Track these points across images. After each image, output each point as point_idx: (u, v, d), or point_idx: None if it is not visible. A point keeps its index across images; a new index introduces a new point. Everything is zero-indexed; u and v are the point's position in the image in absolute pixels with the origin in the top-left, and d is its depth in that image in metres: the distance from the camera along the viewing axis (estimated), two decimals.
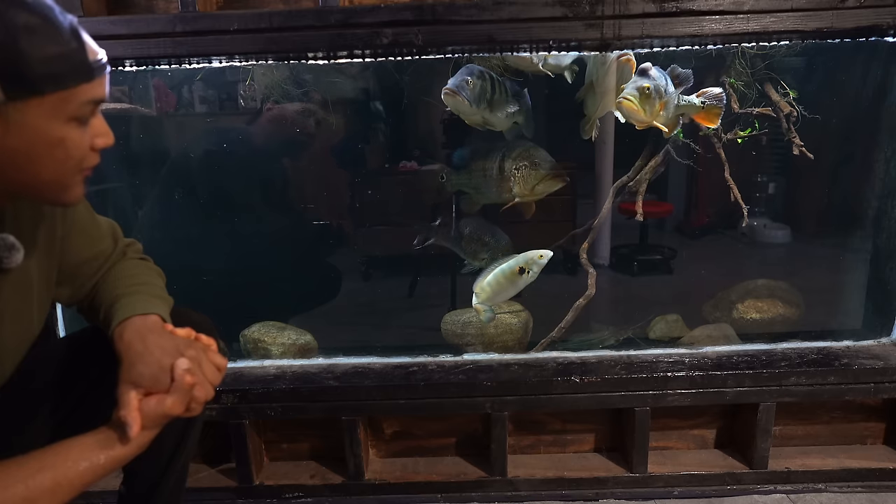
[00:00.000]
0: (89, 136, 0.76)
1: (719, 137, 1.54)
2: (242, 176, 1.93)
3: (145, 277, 0.98)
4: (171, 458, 1.04)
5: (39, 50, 0.66)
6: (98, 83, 0.74)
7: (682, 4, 1.26)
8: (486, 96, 1.45)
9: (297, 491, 1.55)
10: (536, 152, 1.57)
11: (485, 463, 1.58)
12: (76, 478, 0.74)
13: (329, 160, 2.06)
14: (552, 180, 1.54)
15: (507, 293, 1.58)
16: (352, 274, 2.21)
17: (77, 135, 0.74)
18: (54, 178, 0.75)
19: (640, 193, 1.62)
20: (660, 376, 1.47)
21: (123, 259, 1.01)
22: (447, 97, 1.43)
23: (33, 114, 0.68)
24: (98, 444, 0.78)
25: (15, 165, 0.71)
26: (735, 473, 1.53)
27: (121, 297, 0.91)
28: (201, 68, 1.38)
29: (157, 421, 0.81)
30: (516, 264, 1.53)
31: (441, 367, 1.55)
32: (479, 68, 1.46)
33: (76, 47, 0.70)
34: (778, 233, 2.35)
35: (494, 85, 1.46)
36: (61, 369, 0.98)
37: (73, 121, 0.72)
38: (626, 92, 1.28)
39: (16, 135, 0.68)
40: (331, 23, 1.28)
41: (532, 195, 1.56)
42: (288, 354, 1.66)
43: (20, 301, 0.85)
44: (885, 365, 1.48)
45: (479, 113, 1.46)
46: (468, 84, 1.42)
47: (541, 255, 1.53)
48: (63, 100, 0.70)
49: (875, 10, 1.25)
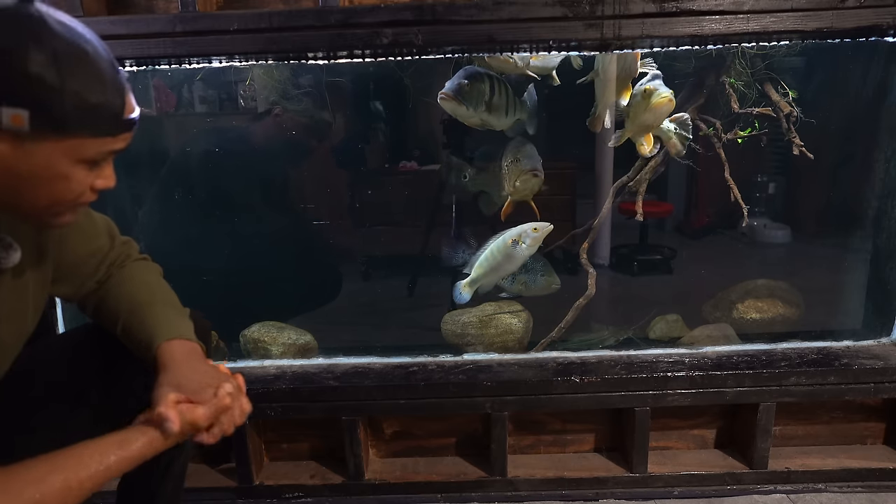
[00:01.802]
0: (93, 177, 0.76)
1: (719, 137, 1.54)
2: (243, 176, 1.93)
3: (163, 288, 1.01)
4: (170, 462, 1.04)
5: (82, 93, 0.67)
6: (123, 138, 0.75)
7: (682, 4, 1.26)
8: (483, 98, 1.44)
9: (297, 491, 1.55)
10: (521, 150, 1.56)
11: (485, 463, 1.58)
12: (87, 479, 0.74)
13: (332, 162, 2.07)
14: (529, 178, 1.52)
15: (504, 268, 1.54)
16: (352, 274, 2.21)
17: (82, 175, 0.74)
18: (47, 207, 0.75)
19: (640, 193, 1.62)
20: (660, 376, 1.47)
21: (130, 261, 1.02)
22: (443, 101, 1.42)
23: (49, 148, 0.69)
24: (110, 446, 0.78)
25: (14, 188, 0.71)
26: (735, 473, 1.53)
27: (154, 311, 0.94)
28: (201, 68, 1.38)
29: (182, 429, 0.81)
30: (509, 237, 1.52)
31: (441, 367, 1.55)
32: (476, 70, 1.45)
33: (117, 103, 0.71)
34: (778, 233, 2.35)
35: (494, 86, 1.46)
36: (61, 366, 0.99)
37: (85, 163, 0.73)
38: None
39: (25, 162, 0.69)
40: (331, 23, 1.28)
41: (517, 193, 1.55)
42: (288, 354, 1.66)
43: (16, 300, 0.86)
44: (885, 365, 1.48)
45: (476, 115, 1.46)
46: (464, 87, 1.41)
47: (535, 227, 1.51)
48: (82, 145, 0.71)
49: (875, 10, 1.25)
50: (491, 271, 1.54)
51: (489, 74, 1.46)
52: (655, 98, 1.34)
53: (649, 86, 1.34)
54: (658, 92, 1.34)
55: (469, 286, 1.58)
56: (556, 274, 1.66)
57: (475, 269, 1.56)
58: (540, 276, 1.65)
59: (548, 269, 1.66)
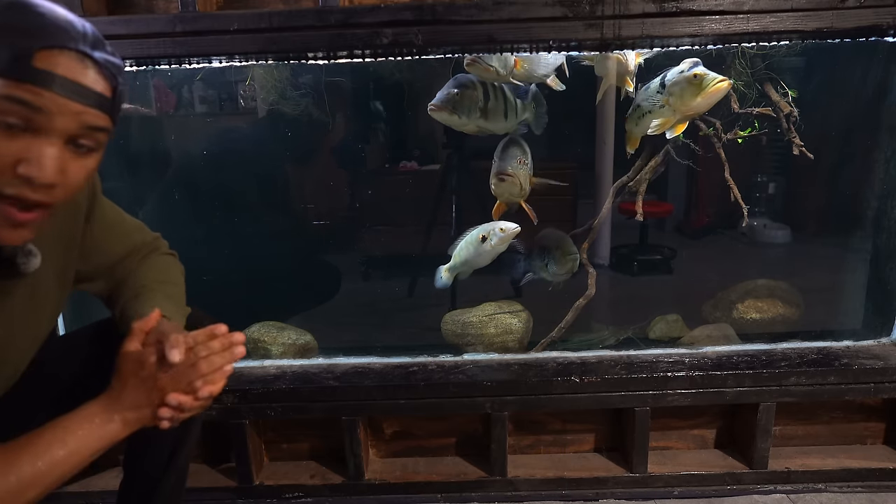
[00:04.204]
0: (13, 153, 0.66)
1: (719, 137, 1.54)
2: (243, 176, 1.93)
3: (173, 284, 1.02)
4: (171, 456, 1.04)
5: None
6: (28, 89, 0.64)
7: (682, 4, 1.26)
8: (477, 105, 1.42)
9: (297, 491, 1.55)
10: (505, 150, 1.54)
11: (485, 463, 1.58)
12: (94, 442, 0.76)
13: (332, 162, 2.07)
14: (497, 182, 1.53)
15: (475, 260, 1.58)
16: (352, 274, 2.21)
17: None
18: None
19: (640, 193, 1.62)
20: (660, 376, 1.47)
21: (156, 254, 1.05)
22: (433, 112, 1.41)
23: None
24: (106, 407, 0.79)
25: None
26: (735, 473, 1.53)
27: (154, 296, 0.94)
28: (201, 68, 1.38)
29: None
30: (479, 233, 1.56)
31: (441, 367, 1.55)
32: (468, 78, 1.42)
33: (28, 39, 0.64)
34: (778, 233, 2.35)
35: (488, 91, 1.44)
36: (71, 364, 0.99)
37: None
38: None
39: None
40: (331, 23, 1.28)
41: (497, 195, 1.57)
42: (288, 354, 1.66)
43: (34, 304, 0.86)
44: (885, 365, 1.48)
45: (471, 122, 1.44)
46: (454, 96, 1.39)
47: (502, 227, 1.55)
48: None
49: (875, 10, 1.25)
50: (464, 262, 1.58)
51: (482, 81, 1.43)
52: (712, 84, 1.31)
53: (699, 71, 1.33)
54: (713, 77, 1.32)
55: (448, 271, 1.62)
56: (571, 252, 1.66)
57: (454, 256, 1.60)
58: (558, 262, 1.66)
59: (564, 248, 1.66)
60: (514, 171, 1.52)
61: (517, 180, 1.52)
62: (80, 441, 0.76)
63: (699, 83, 1.33)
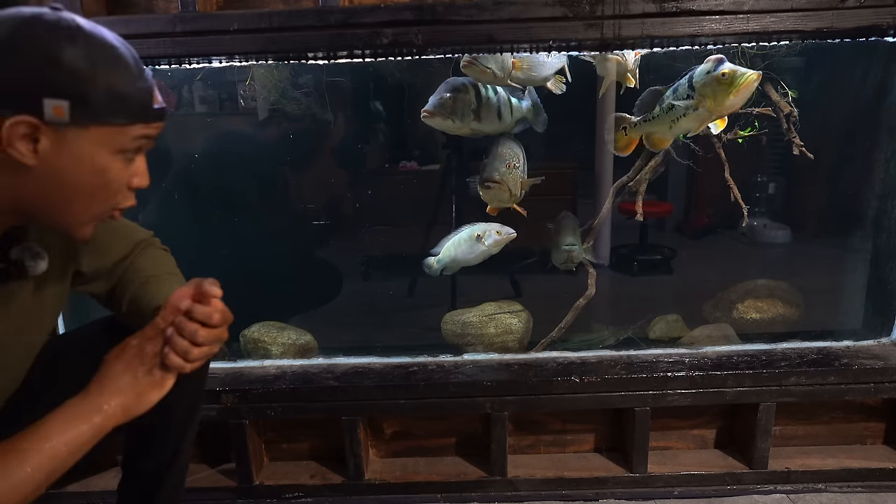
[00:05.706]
0: (129, 174, 0.80)
1: (719, 137, 1.54)
2: (243, 176, 1.93)
3: (172, 266, 1.06)
4: (171, 456, 1.04)
5: (113, 83, 0.72)
6: (154, 126, 0.79)
7: (682, 4, 1.26)
8: (470, 108, 1.41)
9: (297, 491, 1.55)
10: (494, 153, 1.51)
11: (485, 463, 1.58)
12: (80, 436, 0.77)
13: (332, 162, 2.07)
14: (483, 190, 1.50)
15: (465, 258, 1.59)
16: (352, 274, 2.21)
17: (119, 167, 0.77)
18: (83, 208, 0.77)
19: (640, 193, 1.62)
20: (660, 376, 1.47)
21: (152, 248, 1.07)
22: (426, 118, 1.40)
23: (88, 139, 0.72)
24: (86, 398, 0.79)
25: (54, 185, 0.73)
26: (735, 473, 1.53)
27: (161, 279, 0.99)
28: (201, 68, 1.38)
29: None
30: (475, 231, 1.57)
31: (441, 367, 1.55)
32: (459, 81, 1.41)
33: (144, 91, 0.76)
34: (778, 233, 2.35)
35: (480, 94, 1.43)
36: (77, 361, 0.99)
37: (120, 154, 0.76)
38: None
39: (66, 156, 0.72)
40: (331, 23, 1.28)
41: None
42: (288, 354, 1.66)
43: (38, 306, 0.88)
44: (885, 365, 1.48)
45: (466, 126, 1.43)
46: (446, 101, 1.38)
47: (498, 230, 1.55)
48: (119, 132, 0.74)
49: (875, 10, 1.25)
50: (454, 258, 1.58)
51: (473, 83, 1.42)
52: (743, 81, 1.28)
53: (728, 69, 1.30)
54: (742, 73, 1.27)
55: (437, 263, 1.62)
56: (567, 243, 1.66)
57: (444, 250, 1.60)
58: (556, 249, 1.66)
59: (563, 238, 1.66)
60: (501, 176, 1.47)
61: (505, 186, 1.47)
62: (65, 437, 0.76)
63: (729, 81, 1.30)
